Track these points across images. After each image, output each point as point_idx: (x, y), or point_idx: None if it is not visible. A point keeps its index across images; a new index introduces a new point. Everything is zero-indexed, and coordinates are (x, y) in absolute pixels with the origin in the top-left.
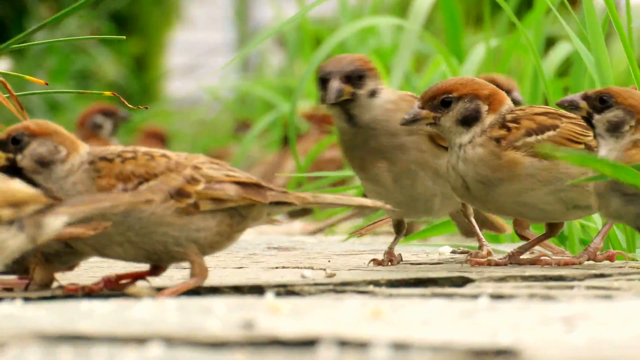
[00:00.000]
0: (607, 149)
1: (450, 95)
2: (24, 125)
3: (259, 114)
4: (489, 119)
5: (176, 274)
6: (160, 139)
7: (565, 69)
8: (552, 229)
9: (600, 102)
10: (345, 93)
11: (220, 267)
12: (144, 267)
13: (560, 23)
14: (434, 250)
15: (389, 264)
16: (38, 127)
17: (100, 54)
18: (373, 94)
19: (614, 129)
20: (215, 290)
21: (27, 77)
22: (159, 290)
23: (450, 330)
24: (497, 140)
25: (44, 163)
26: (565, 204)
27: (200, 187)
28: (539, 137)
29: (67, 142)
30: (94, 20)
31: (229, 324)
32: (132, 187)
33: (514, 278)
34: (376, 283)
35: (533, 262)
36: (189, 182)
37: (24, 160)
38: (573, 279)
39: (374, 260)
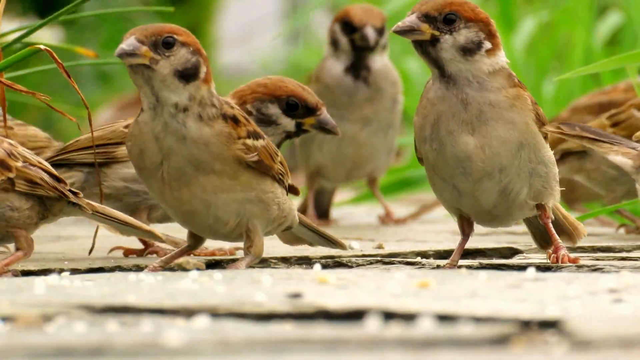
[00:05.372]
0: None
1: None
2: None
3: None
4: None
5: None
6: None
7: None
8: None
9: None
10: None
11: (268, 238)
12: None
13: None
14: None
15: None
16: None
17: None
18: None
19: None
20: (262, 262)
21: (76, 48)
22: None
23: (497, 301)
24: None
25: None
26: None
27: (19, 164)
28: None
29: None
30: None
31: (276, 295)
32: None
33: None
34: (424, 254)
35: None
36: (9, 156)
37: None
38: (621, 250)
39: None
